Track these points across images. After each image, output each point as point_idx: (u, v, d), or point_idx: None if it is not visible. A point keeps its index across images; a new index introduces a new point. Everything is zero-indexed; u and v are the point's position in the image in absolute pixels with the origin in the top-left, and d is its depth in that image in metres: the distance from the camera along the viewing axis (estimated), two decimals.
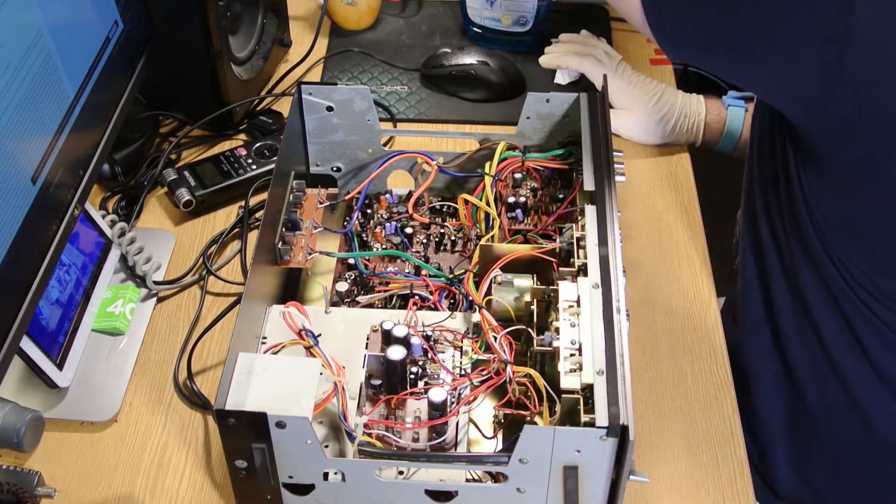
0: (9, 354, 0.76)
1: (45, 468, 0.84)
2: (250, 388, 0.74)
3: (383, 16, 1.36)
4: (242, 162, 1.10)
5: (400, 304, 0.92)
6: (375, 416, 0.80)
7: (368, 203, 1.01)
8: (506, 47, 1.29)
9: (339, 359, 0.80)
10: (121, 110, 0.96)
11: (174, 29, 1.06)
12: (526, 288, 0.85)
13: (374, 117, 0.97)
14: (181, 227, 1.07)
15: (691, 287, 1.01)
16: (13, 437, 0.71)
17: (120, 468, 0.86)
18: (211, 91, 1.12)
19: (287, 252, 0.89)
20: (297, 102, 0.96)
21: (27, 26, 0.78)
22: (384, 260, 0.96)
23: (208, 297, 1.00)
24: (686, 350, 0.95)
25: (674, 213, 1.09)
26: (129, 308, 0.96)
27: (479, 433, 0.82)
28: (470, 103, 1.23)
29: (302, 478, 0.75)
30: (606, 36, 1.31)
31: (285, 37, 1.25)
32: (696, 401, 0.91)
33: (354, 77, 1.27)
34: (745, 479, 0.85)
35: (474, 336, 0.86)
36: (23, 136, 0.76)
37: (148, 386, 0.92)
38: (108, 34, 0.93)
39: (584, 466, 0.70)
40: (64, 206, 0.85)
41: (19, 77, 0.76)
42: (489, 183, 0.94)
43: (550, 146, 0.98)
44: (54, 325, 0.88)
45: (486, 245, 0.88)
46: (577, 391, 0.72)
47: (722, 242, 1.15)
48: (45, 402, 0.88)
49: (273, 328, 0.85)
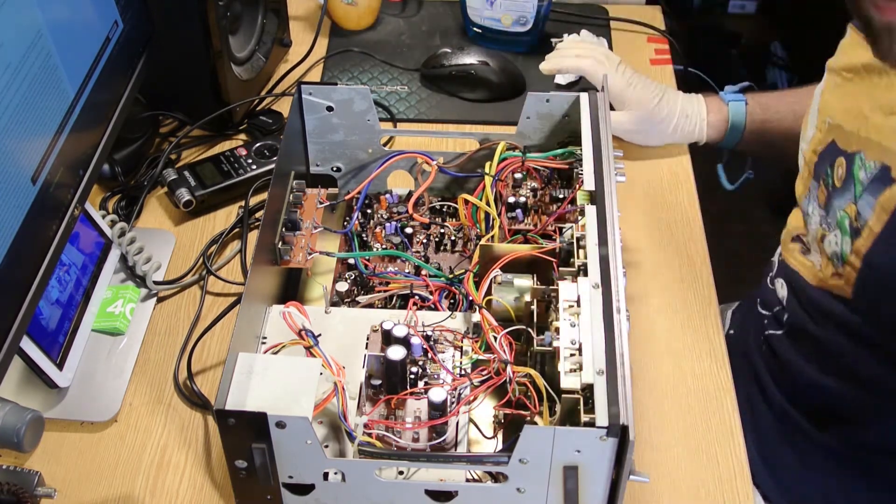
0: (9, 354, 0.76)
1: (45, 468, 0.84)
2: (250, 388, 0.74)
3: (383, 16, 1.36)
4: (242, 162, 1.10)
5: (400, 304, 0.92)
6: (375, 416, 0.80)
7: (368, 203, 1.01)
8: (506, 47, 1.29)
9: (339, 359, 0.80)
10: (121, 110, 0.96)
11: (174, 29, 1.06)
12: (526, 288, 0.85)
13: (374, 117, 0.97)
14: (181, 227, 1.07)
15: (691, 287, 1.01)
16: (13, 437, 0.70)
17: (120, 468, 0.86)
18: (211, 91, 1.12)
19: (287, 252, 0.89)
20: (297, 102, 0.96)
21: (27, 26, 0.78)
22: (384, 260, 0.96)
23: (208, 297, 1.00)
24: (686, 350, 0.95)
25: (674, 213, 1.09)
26: (129, 308, 0.96)
27: (479, 433, 0.82)
28: (470, 103, 1.23)
29: (302, 478, 0.75)
30: (606, 36, 1.31)
31: (285, 37, 1.25)
32: (696, 401, 0.91)
33: (354, 77, 1.27)
34: (745, 479, 0.85)
35: (474, 336, 0.86)
36: (23, 136, 0.76)
37: (148, 386, 0.92)
38: (108, 34, 0.93)
39: (584, 466, 0.70)
40: (64, 206, 0.85)
41: (19, 77, 0.76)
42: (489, 183, 0.94)
43: (550, 146, 0.98)
44: (54, 325, 0.88)
45: (486, 245, 0.88)
46: (577, 391, 0.72)
47: (722, 243, 1.15)
48: (45, 402, 0.88)
49: (273, 328, 0.85)
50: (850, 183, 0.89)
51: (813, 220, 0.96)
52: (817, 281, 0.95)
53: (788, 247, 1.02)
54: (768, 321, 1.06)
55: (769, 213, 2.21)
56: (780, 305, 1.04)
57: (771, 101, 1.13)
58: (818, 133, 0.97)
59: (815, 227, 0.95)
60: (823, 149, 0.95)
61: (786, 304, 1.02)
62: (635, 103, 1.11)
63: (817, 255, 0.95)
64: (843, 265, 0.90)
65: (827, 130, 0.95)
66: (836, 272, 0.91)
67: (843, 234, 0.90)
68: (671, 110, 1.11)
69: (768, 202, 2.23)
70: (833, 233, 0.91)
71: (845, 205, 0.90)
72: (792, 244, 1.02)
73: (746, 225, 2.16)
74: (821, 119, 0.96)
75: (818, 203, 0.95)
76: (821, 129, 0.96)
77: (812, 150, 0.97)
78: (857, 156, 0.89)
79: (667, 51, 1.33)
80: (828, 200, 0.93)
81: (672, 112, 1.11)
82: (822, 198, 0.94)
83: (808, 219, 0.97)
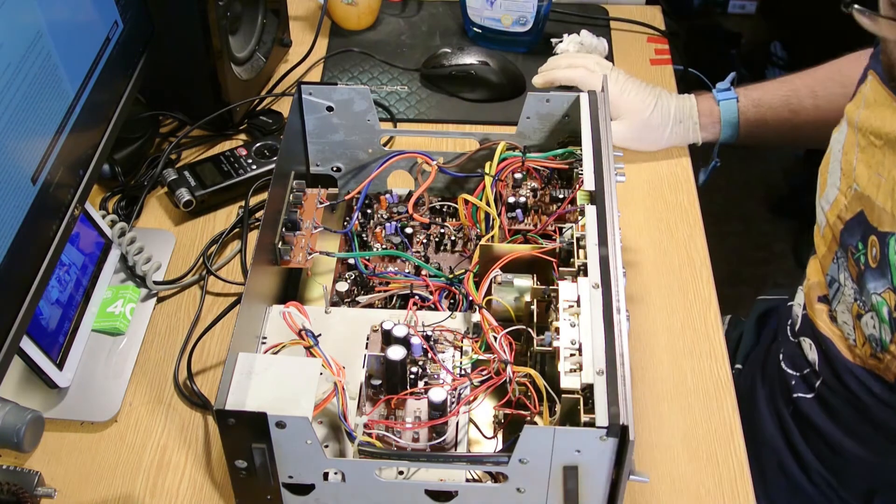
0: (9, 354, 0.76)
1: (45, 468, 0.84)
2: (250, 388, 0.74)
3: (383, 16, 1.36)
4: (242, 162, 1.10)
5: (400, 304, 0.92)
6: (375, 416, 0.80)
7: (368, 203, 1.01)
8: (506, 47, 1.29)
9: (339, 359, 0.80)
10: (121, 110, 0.96)
11: (174, 29, 1.06)
12: (526, 288, 0.85)
13: (374, 117, 0.97)
14: (181, 227, 1.07)
15: (691, 287, 1.01)
16: (13, 437, 0.70)
17: (120, 468, 0.86)
18: (211, 91, 1.12)
19: (287, 252, 0.89)
20: (297, 102, 0.96)
21: (27, 26, 0.78)
22: (384, 260, 0.96)
23: (208, 297, 1.00)
24: (686, 350, 0.95)
25: (674, 213, 1.09)
26: (129, 308, 0.96)
27: (479, 433, 0.82)
28: (470, 103, 1.23)
29: (302, 478, 0.75)
30: (606, 36, 1.31)
31: (285, 37, 1.25)
32: (696, 401, 0.91)
33: (354, 77, 1.27)
34: (745, 479, 0.85)
35: (474, 336, 0.86)
36: (23, 136, 0.76)
37: (148, 386, 0.92)
38: (108, 34, 0.93)
39: (584, 466, 0.70)
40: (64, 206, 0.85)
41: (19, 77, 0.76)
42: (489, 183, 0.94)
43: (550, 146, 0.98)
44: (54, 325, 0.88)
45: (486, 245, 0.88)
46: (577, 391, 0.72)
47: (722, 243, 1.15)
48: (45, 402, 0.88)
49: (273, 328, 0.85)
50: (885, 267, 0.85)
51: (846, 292, 0.92)
52: (854, 357, 0.92)
53: (815, 307, 0.98)
54: (796, 383, 1.02)
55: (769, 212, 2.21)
56: (809, 368, 1.00)
57: (764, 96, 1.11)
58: (842, 197, 0.92)
59: (849, 301, 0.91)
60: (851, 218, 0.90)
61: (818, 368, 0.98)
62: (629, 112, 1.11)
63: (851, 328, 0.91)
64: (884, 352, 0.87)
65: (853, 198, 0.90)
66: (874, 354, 0.88)
67: (881, 321, 0.86)
68: (665, 117, 1.11)
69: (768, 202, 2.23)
70: (870, 314, 0.88)
71: (882, 289, 0.86)
72: (819, 305, 0.97)
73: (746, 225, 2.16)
74: (844, 182, 0.91)
75: (850, 275, 0.91)
76: (845, 193, 0.91)
77: (836, 214, 0.92)
78: (893, 238, 0.85)
79: (667, 51, 1.33)
80: (860, 277, 0.89)
81: (666, 119, 1.11)
82: (855, 273, 0.90)
83: (839, 287, 0.92)
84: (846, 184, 0.91)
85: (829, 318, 0.96)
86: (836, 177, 0.93)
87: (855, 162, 0.90)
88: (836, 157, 0.94)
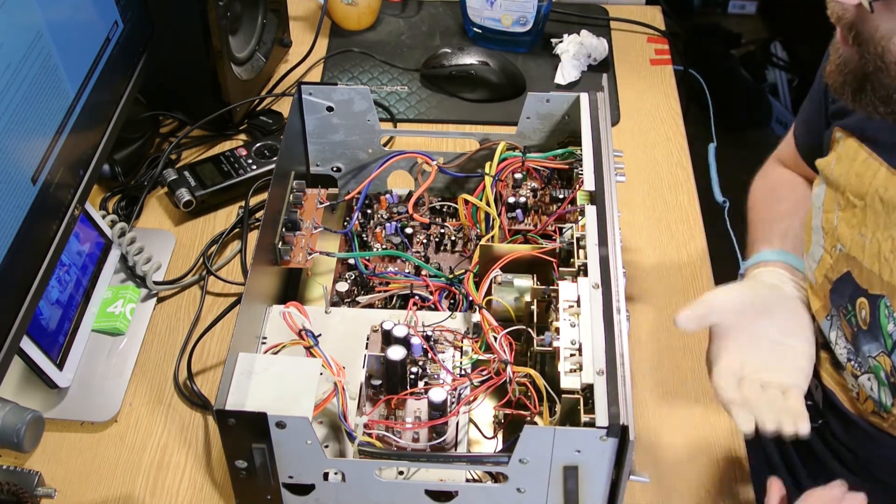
0: (9, 354, 0.76)
1: (45, 468, 0.84)
2: (250, 388, 0.74)
3: (383, 16, 1.36)
4: (242, 162, 1.10)
5: (400, 304, 0.92)
6: (375, 416, 0.80)
7: (368, 203, 1.01)
8: (506, 47, 1.29)
9: (339, 359, 0.80)
10: (121, 110, 0.96)
11: (174, 29, 1.06)
12: (526, 288, 0.85)
13: (374, 117, 0.97)
14: (181, 227, 1.07)
15: (691, 287, 1.01)
16: (13, 437, 0.70)
17: (120, 468, 0.86)
18: (211, 91, 1.12)
19: (287, 252, 0.89)
20: (297, 102, 0.96)
21: (27, 26, 0.78)
22: (384, 260, 0.96)
23: (208, 297, 1.00)
24: (686, 350, 0.95)
25: (674, 213, 1.09)
26: (129, 308, 0.96)
27: (479, 433, 0.82)
28: (470, 103, 1.23)
29: (302, 478, 0.75)
30: (606, 36, 1.31)
31: (285, 37, 1.25)
32: (696, 401, 0.91)
33: (354, 77, 1.27)
34: (745, 479, 0.85)
35: (474, 336, 0.86)
36: (23, 136, 0.76)
37: (148, 386, 0.92)
38: (109, 34, 0.93)
39: (584, 466, 0.70)
40: (64, 206, 0.85)
41: (19, 77, 0.76)
42: (489, 183, 0.94)
43: (550, 146, 0.98)
44: (54, 325, 0.88)
45: (486, 245, 0.88)
46: (577, 391, 0.72)
47: (722, 243, 1.15)
48: (45, 402, 0.88)
49: (273, 328, 0.85)
50: (877, 330, 0.81)
51: (840, 350, 0.86)
52: (857, 411, 0.88)
53: (820, 355, 0.89)
54: None
55: None
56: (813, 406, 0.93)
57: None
58: (827, 257, 0.85)
59: (844, 360, 0.86)
60: (837, 278, 0.84)
61: (821, 408, 0.93)
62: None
63: (853, 380, 0.86)
64: (886, 413, 0.83)
65: (838, 258, 0.84)
66: (876, 412, 0.85)
67: (880, 384, 0.83)
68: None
69: None
70: (867, 375, 0.84)
71: (876, 353, 0.82)
72: (823, 353, 0.90)
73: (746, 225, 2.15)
74: (828, 242, 0.85)
75: (844, 335, 0.86)
76: (831, 253, 0.85)
77: (823, 274, 0.86)
78: (882, 301, 0.80)
79: (667, 51, 1.33)
80: (854, 339, 0.84)
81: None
82: (848, 333, 0.85)
83: (835, 346, 0.87)
84: (830, 243, 0.86)
85: (832, 366, 0.90)
86: (820, 235, 0.87)
87: (836, 220, 0.84)
88: (818, 214, 0.88)
